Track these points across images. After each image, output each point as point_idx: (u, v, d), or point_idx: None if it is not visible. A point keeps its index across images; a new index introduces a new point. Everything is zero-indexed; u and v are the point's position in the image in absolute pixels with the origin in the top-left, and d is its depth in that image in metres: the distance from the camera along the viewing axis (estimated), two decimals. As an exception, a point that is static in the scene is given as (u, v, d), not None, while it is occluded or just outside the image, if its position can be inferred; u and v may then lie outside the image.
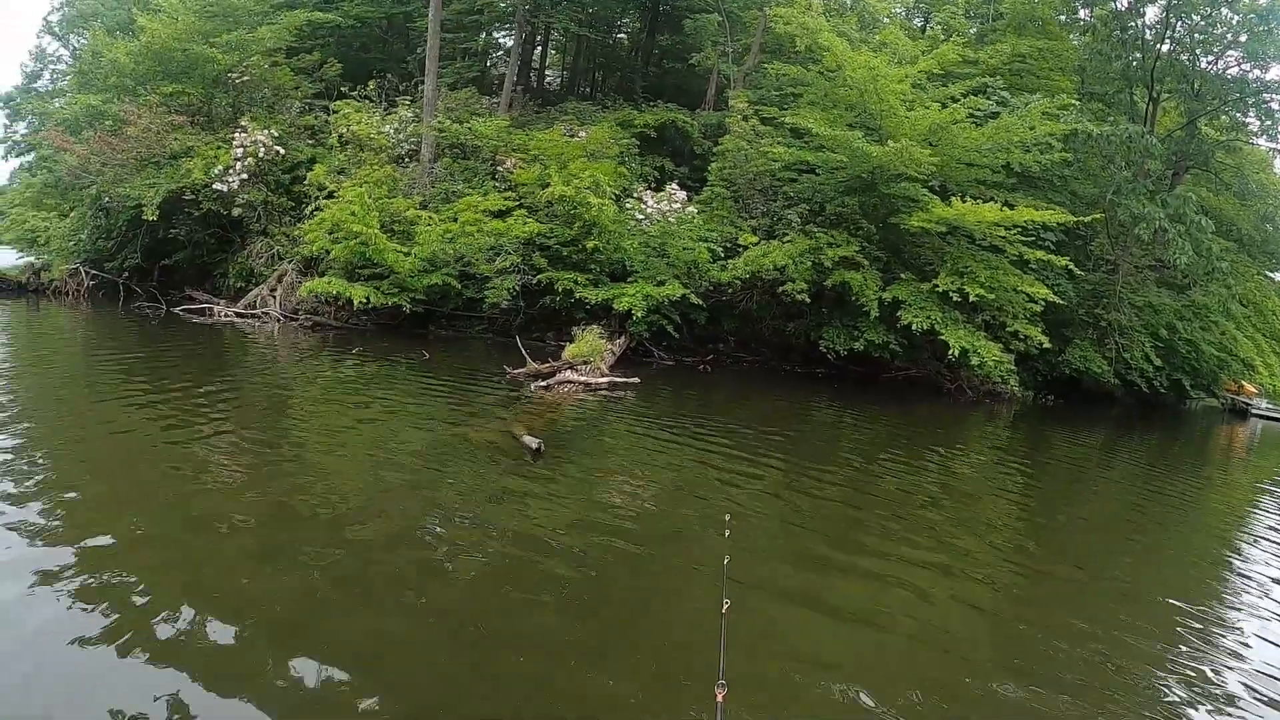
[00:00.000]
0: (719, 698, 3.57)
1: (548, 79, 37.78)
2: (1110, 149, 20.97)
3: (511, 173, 21.36)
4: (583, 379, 14.50)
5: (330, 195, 20.74)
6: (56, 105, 29.18)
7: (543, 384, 13.98)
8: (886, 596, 6.48)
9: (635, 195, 20.71)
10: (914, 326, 17.81)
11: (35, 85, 39.86)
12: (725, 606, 4.24)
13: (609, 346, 16.97)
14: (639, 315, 17.89)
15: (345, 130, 23.28)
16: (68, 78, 33.61)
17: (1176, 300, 23.25)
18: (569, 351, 15.73)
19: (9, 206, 31.78)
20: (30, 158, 36.17)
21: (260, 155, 22.11)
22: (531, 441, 9.05)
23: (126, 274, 24.84)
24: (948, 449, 13.73)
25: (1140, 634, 6.25)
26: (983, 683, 5.26)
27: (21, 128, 37.80)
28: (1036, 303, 18.44)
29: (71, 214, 26.46)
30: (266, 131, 22.43)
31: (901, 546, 7.73)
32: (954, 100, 18.77)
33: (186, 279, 24.74)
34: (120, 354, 15.31)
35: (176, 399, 10.71)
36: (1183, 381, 23.59)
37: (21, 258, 28.77)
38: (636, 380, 15.27)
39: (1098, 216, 20.02)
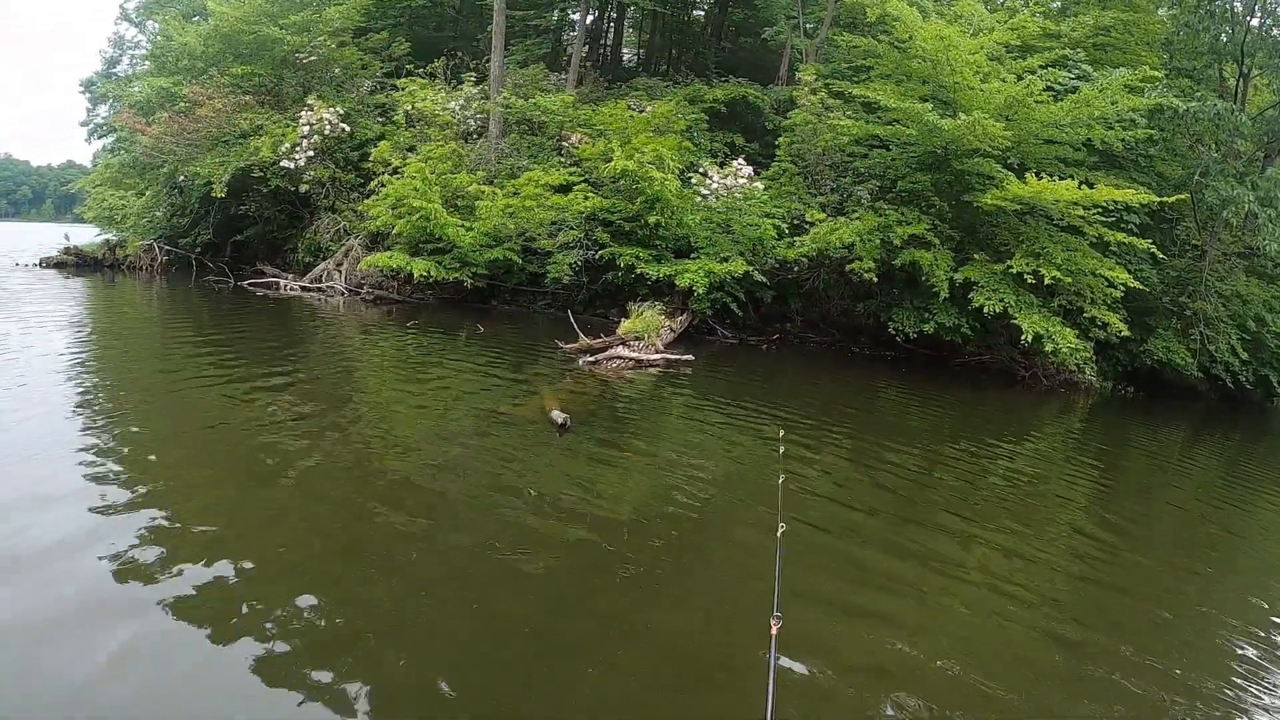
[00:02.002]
0: (774, 630, 3.49)
1: (625, 57, 37.67)
2: (1198, 127, 19.98)
3: (576, 148, 21.20)
4: (634, 355, 14.18)
5: (395, 171, 20.82)
6: (135, 90, 29.89)
7: (591, 359, 13.68)
8: (961, 586, 6.10)
9: (701, 171, 20.36)
10: (986, 309, 17.10)
11: (114, 70, 41.23)
12: (780, 530, 4.13)
13: (668, 323, 16.67)
14: (700, 292, 17.54)
15: (410, 107, 23.39)
16: (146, 62, 34.47)
17: (1266, 290, 22.06)
18: (624, 327, 15.44)
19: (92, 186, 32.70)
20: (111, 139, 37.31)
21: (326, 133, 22.35)
22: (558, 416, 8.83)
23: (199, 249, 25.49)
24: (1022, 438, 13.11)
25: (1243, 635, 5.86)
26: (1075, 665, 5.02)
27: (103, 111, 39.09)
28: (1116, 287, 17.56)
29: (147, 192, 27.13)
30: (332, 110, 22.65)
31: (974, 527, 7.43)
32: (1031, 73, 18.00)
33: (258, 254, 25.32)
34: (186, 329, 15.67)
35: (240, 370, 10.92)
36: (1270, 378, 22.38)
37: (100, 235, 29.62)
38: (690, 358, 14.92)
39: (1182, 198, 19.02)
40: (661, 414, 11.23)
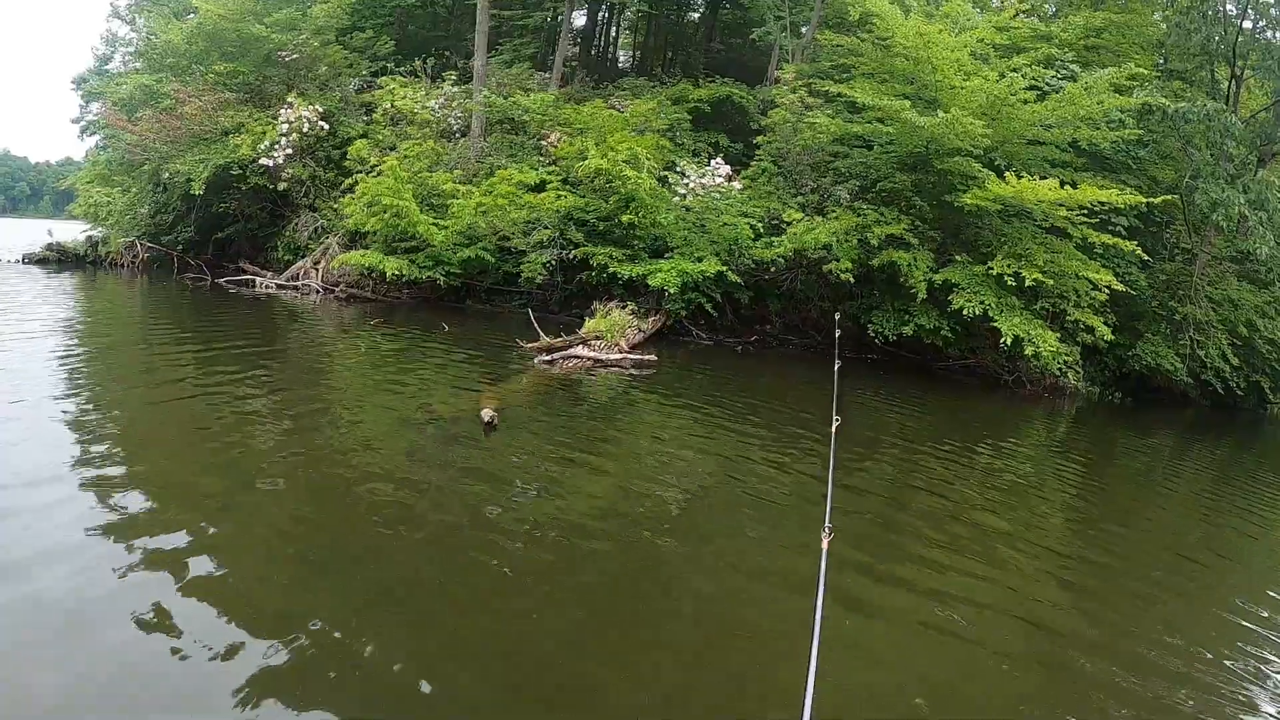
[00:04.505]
0: (825, 543, 3.67)
1: (621, 60, 37.52)
2: (1189, 128, 19.61)
3: (555, 147, 20.97)
4: (592, 355, 13.90)
5: (373, 170, 20.63)
6: (122, 88, 29.80)
7: (547, 359, 13.37)
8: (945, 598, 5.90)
9: (678, 170, 20.06)
10: (965, 311, 16.77)
11: (107, 67, 41.19)
12: (836, 423, 4.57)
13: (637, 324, 16.37)
14: (673, 292, 17.25)
15: (389, 105, 23.21)
16: (138, 60, 34.41)
17: (1258, 295, 21.66)
18: (587, 327, 15.20)
19: (83, 183, 32.60)
20: (99, 137, 37.32)
21: (305, 131, 22.17)
22: (485, 414, 8.59)
23: (181, 247, 25.32)
24: (1006, 443, 12.79)
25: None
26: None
27: (95, 108, 39.05)
28: (1100, 290, 17.20)
29: (132, 189, 27.03)
30: (311, 108, 22.46)
31: (953, 550, 7.12)
32: (1015, 71, 17.66)
33: (241, 251, 25.18)
34: (157, 330, 15.31)
35: (199, 370, 10.75)
36: (1261, 384, 21.95)
37: (85, 232, 29.50)
38: (653, 358, 14.61)
39: (1169, 199, 18.69)
40: (608, 414, 10.97)
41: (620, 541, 6.04)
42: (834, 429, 4.60)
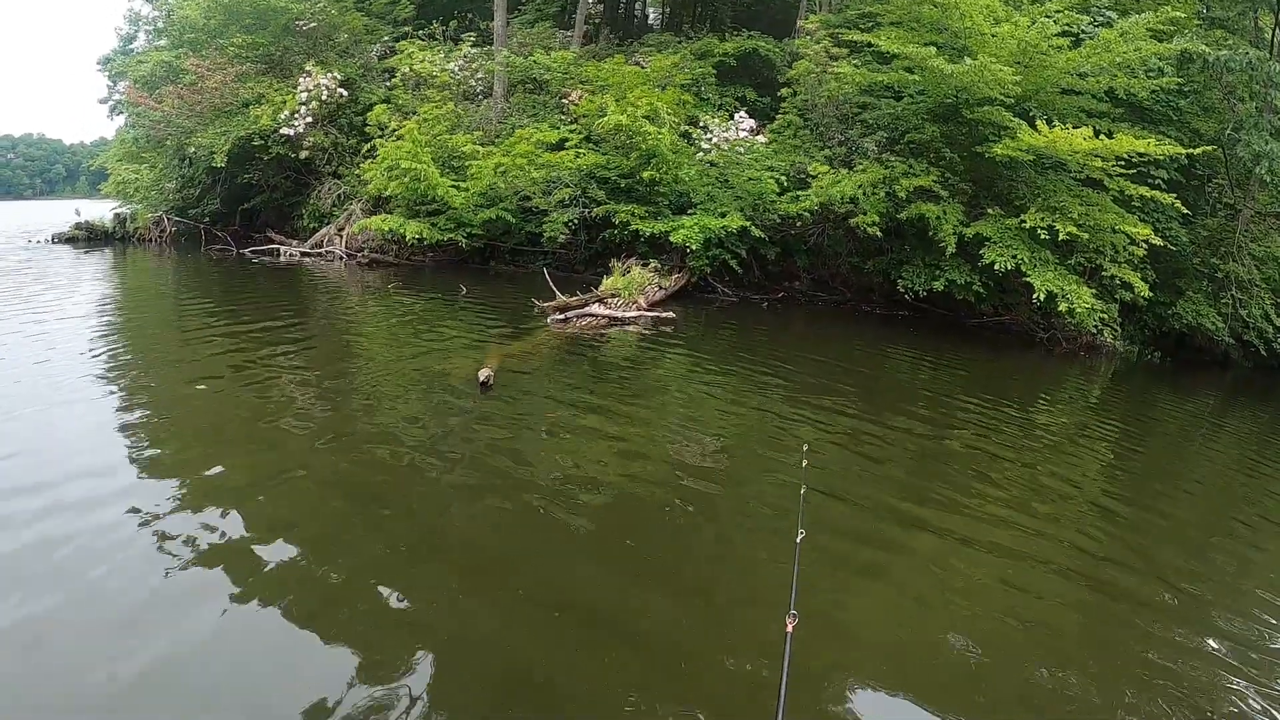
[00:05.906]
0: (789, 627, 3.46)
1: (651, 18, 37.16)
2: (1230, 78, 18.91)
3: (575, 105, 20.72)
4: (608, 313, 13.66)
5: (393, 134, 20.51)
6: (145, 66, 29.97)
7: (560, 318, 13.17)
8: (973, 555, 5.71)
9: (701, 125, 19.73)
10: (997, 265, 16.27)
11: (131, 47, 41.48)
12: (800, 536, 4.23)
13: (658, 281, 16.13)
14: (695, 248, 16.94)
15: (408, 69, 23.07)
16: (160, 38, 34.61)
17: (1303, 253, 20.90)
18: (605, 285, 14.97)
19: (114, 162, 32.88)
20: (126, 116, 37.53)
21: (324, 99, 22.11)
22: (481, 374, 8.47)
23: (209, 219, 25.47)
24: (1039, 403, 12.40)
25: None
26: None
27: (122, 87, 39.24)
28: (1139, 245, 16.62)
29: (159, 165, 27.22)
30: (330, 75, 22.39)
31: (991, 492, 6.99)
32: (1047, 17, 17.06)
33: (267, 222, 25.29)
34: (179, 300, 15.57)
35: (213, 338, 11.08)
36: (1306, 346, 21.17)
37: (113, 209, 29.80)
38: (671, 316, 14.30)
39: (1209, 149, 18.00)
40: (614, 372, 10.71)
41: (604, 509, 5.82)
42: (798, 540, 4.39)
